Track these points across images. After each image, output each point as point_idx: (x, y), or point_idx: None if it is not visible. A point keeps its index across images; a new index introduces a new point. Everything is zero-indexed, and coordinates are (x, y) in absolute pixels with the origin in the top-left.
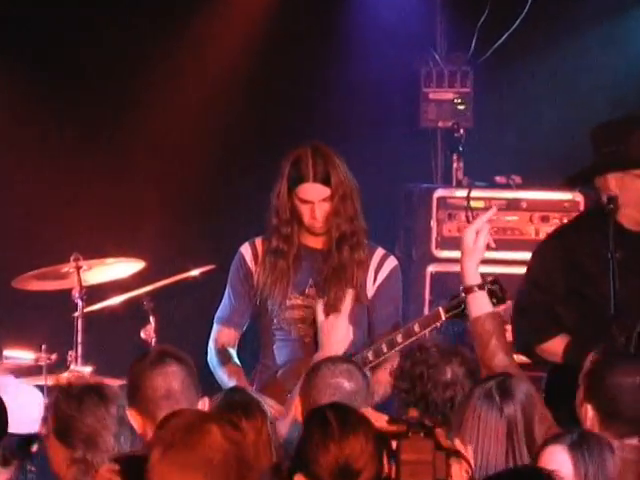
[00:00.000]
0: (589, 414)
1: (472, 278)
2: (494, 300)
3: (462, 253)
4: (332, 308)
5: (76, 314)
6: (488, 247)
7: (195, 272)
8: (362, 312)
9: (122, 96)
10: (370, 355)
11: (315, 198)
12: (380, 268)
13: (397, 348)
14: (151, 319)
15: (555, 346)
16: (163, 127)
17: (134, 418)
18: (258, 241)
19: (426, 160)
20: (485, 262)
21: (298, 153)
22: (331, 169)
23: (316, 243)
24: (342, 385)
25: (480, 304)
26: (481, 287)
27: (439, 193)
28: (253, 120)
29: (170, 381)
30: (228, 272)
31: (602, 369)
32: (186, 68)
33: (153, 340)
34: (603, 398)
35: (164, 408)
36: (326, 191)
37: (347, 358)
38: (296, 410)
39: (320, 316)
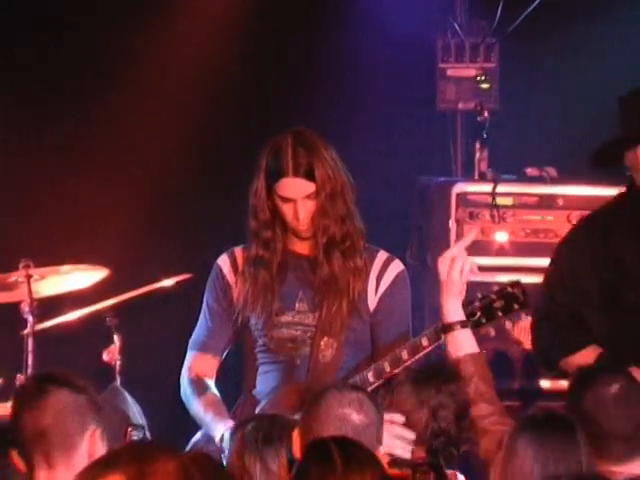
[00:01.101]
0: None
1: (451, 314)
2: (516, 305)
3: (440, 285)
4: (328, 327)
5: (26, 331)
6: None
7: (168, 282)
8: (363, 329)
9: (90, 95)
10: (370, 376)
11: (297, 195)
12: (383, 275)
13: (402, 366)
14: (115, 338)
15: (583, 360)
16: (130, 125)
17: (17, 462)
18: (238, 250)
19: (443, 149)
20: (515, 270)
21: (277, 142)
22: (316, 160)
23: (304, 248)
24: (350, 417)
25: (460, 344)
26: (464, 324)
27: (459, 188)
28: (237, 109)
29: (41, 415)
30: (205, 285)
31: (578, 387)
32: (158, 62)
33: (117, 363)
34: (585, 420)
35: (37, 449)
36: (310, 187)
37: (357, 385)
38: (295, 445)
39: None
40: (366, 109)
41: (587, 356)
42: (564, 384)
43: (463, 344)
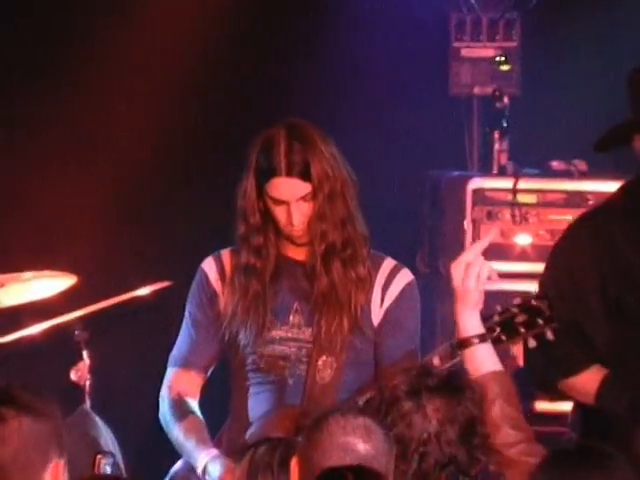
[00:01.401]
0: None
1: (468, 328)
2: (540, 320)
3: (454, 294)
4: (327, 343)
5: None
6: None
7: (144, 291)
8: (367, 347)
9: (54, 93)
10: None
11: (290, 197)
12: (389, 285)
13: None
14: (84, 355)
15: (585, 382)
16: (100, 121)
17: None
18: (225, 254)
19: (457, 139)
20: (539, 277)
21: (268, 136)
22: (312, 157)
23: (299, 254)
24: (356, 447)
25: (480, 361)
26: (483, 338)
27: (475, 184)
28: (222, 100)
29: None
30: (187, 293)
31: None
32: (129, 53)
33: (87, 383)
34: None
35: None
36: (305, 187)
37: (363, 409)
38: (293, 476)
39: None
40: (368, 96)
41: (591, 379)
42: (564, 407)
43: (483, 361)
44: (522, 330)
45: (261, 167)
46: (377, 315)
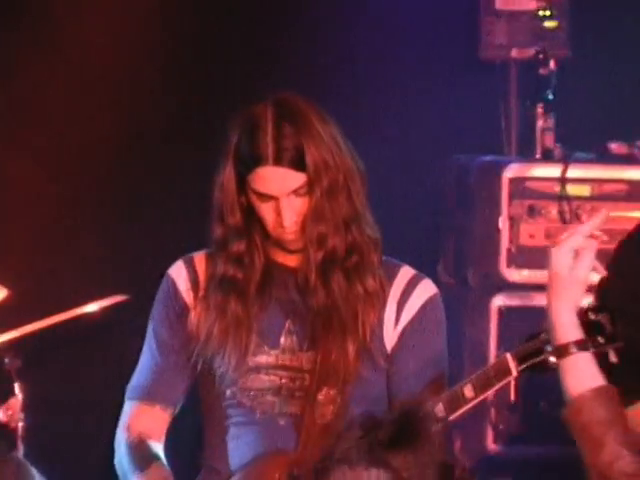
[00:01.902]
0: None
1: (567, 331)
2: (600, 338)
3: (549, 286)
4: (329, 372)
5: None
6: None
7: (93, 307)
8: (377, 378)
9: None
10: None
11: (280, 191)
12: (406, 300)
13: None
14: (16, 388)
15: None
16: (42, 110)
17: None
18: (198, 258)
19: (490, 115)
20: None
21: (252, 115)
22: (307, 140)
23: (293, 259)
24: None
25: (581, 375)
26: (582, 345)
27: (513, 171)
28: (189, 74)
29: None
30: (149, 309)
31: None
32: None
33: (19, 424)
34: None
35: None
36: (298, 178)
37: (376, 456)
38: None
39: None
40: (379, 63)
41: None
42: None
43: (584, 374)
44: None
45: (243, 154)
46: (391, 338)
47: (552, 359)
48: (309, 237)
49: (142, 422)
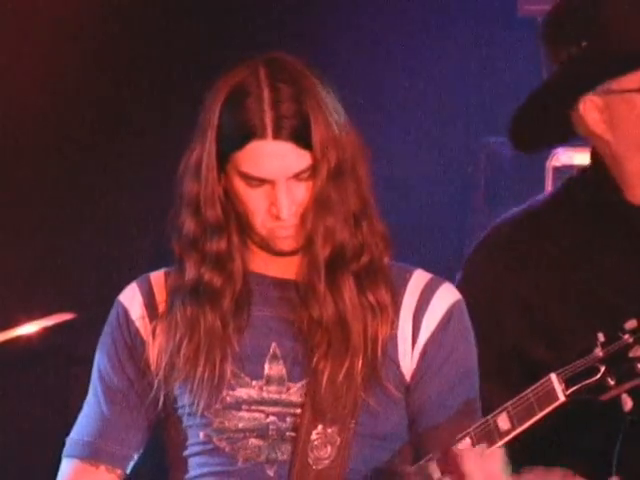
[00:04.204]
0: None
1: None
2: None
3: None
4: (327, 406)
5: None
6: None
7: (31, 328)
8: (388, 411)
9: None
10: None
11: (279, 172)
12: (424, 309)
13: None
14: None
15: None
16: None
17: None
18: (155, 278)
19: (532, 85)
20: None
21: (240, 77)
22: (314, 111)
23: (278, 268)
24: None
25: None
26: None
27: (558, 159)
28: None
29: None
30: (100, 329)
31: None
32: None
33: None
34: None
35: None
36: (302, 157)
37: None
38: None
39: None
40: (386, 23)
41: None
42: None
43: None
44: None
45: (227, 128)
46: (409, 359)
47: (610, 378)
48: (313, 230)
49: None
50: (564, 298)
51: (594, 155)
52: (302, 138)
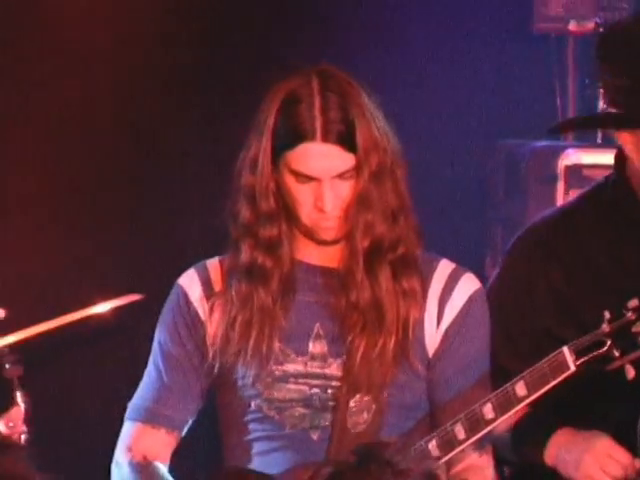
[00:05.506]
0: None
1: None
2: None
3: None
4: (362, 379)
5: None
6: None
7: (103, 307)
8: (416, 385)
9: None
10: (434, 447)
11: (325, 172)
12: (448, 296)
13: (486, 429)
14: (18, 397)
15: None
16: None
17: None
18: (212, 265)
19: (545, 95)
20: None
21: (294, 87)
22: (357, 116)
23: (321, 257)
24: None
25: None
26: None
27: (571, 158)
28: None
29: None
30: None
31: None
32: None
33: (22, 437)
34: None
35: None
36: (347, 159)
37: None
38: None
39: None
40: (413, 35)
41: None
42: None
43: None
44: None
45: (282, 129)
46: (433, 339)
47: (616, 350)
48: (354, 224)
49: (145, 444)
50: (592, 290)
51: (618, 163)
52: (347, 142)
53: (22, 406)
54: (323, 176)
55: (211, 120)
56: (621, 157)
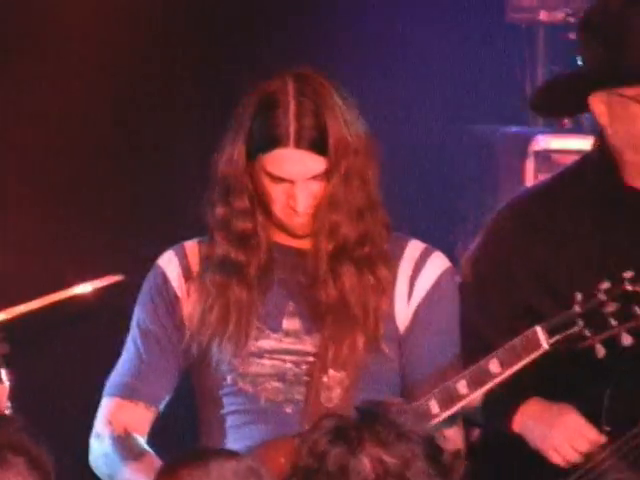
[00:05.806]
0: None
1: None
2: (638, 310)
3: None
4: (335, 355)
5: None
6: None
7: (85, 288)
8: (388, 365)
9: None
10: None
11: (298, 175)
12: (417, 274)
13: (460, 404)
14: (3, 375)
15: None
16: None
17: None
18: (190, 246)
19: (516, 83)
20: None
21: (270, 91)
22: (330, 123)
23: (298, 241)
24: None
25: None
26: None
27: (540, 144)
28: (187, 42)
29: None
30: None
31: None
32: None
33: (6, 412)
34: None
35: None
36: (319, 163)
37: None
38: None
39: None
40: (386, 24)
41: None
42: None
43: None
44: (614, 323)
45: (257, 134)
46: (404, 316)
47: (587, 330)
48: (321, 225)
49: (125, 418)
50: (571, 264)
51: (599, 140)
52: (319, 147)
53: (7, 383)
54: (296, 179)
55: (208, 120)
56: (601, 134)
